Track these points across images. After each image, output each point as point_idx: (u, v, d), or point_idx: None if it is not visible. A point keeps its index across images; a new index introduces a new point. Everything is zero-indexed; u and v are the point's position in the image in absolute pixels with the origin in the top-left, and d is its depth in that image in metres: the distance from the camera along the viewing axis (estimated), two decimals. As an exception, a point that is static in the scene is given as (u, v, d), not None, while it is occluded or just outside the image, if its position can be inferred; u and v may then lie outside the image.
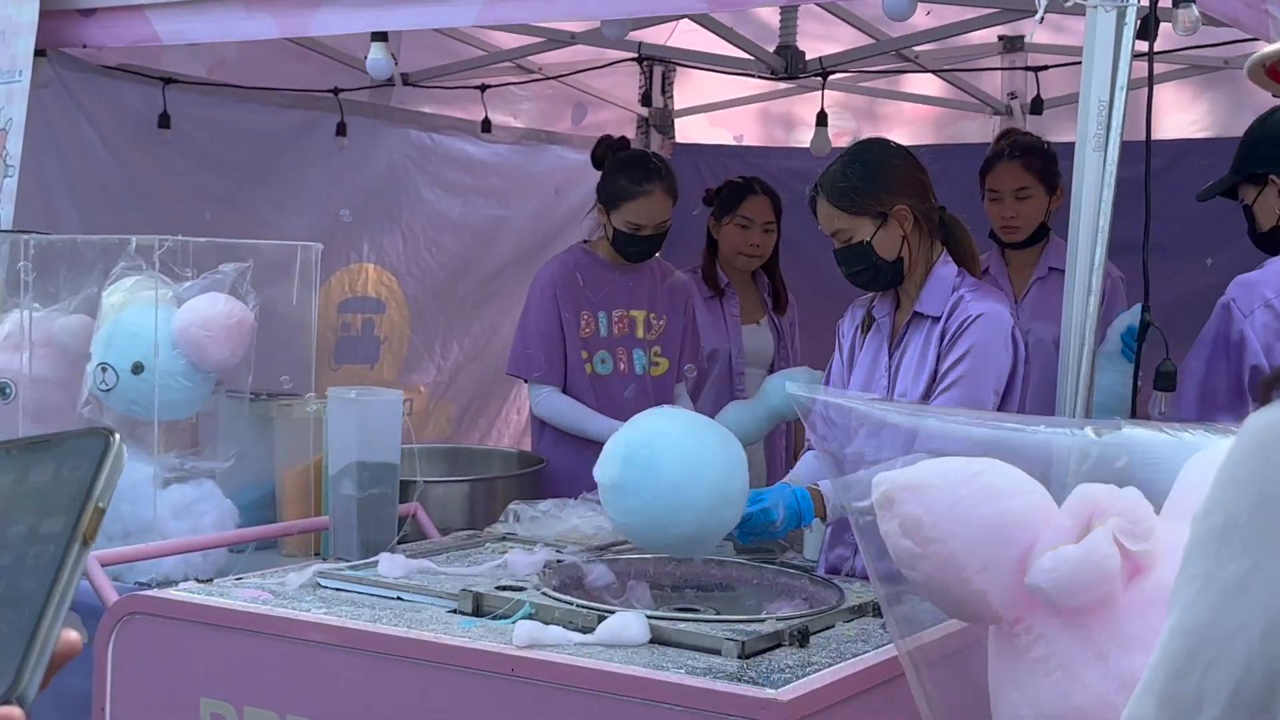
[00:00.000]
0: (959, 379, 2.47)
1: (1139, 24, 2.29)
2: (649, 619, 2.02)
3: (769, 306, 3.91)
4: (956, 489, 1.20)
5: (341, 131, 4.21)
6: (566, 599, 2.14)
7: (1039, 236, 3.61)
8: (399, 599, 2.24)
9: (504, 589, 2.21)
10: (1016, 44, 4.62)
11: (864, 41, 4.37)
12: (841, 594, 2.28)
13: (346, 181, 4.31)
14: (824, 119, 4.50)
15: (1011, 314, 2.54)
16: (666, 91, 5.19)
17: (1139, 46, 2.30)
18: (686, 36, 4.55)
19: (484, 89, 4.56)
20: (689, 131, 5.34)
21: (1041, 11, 2.31)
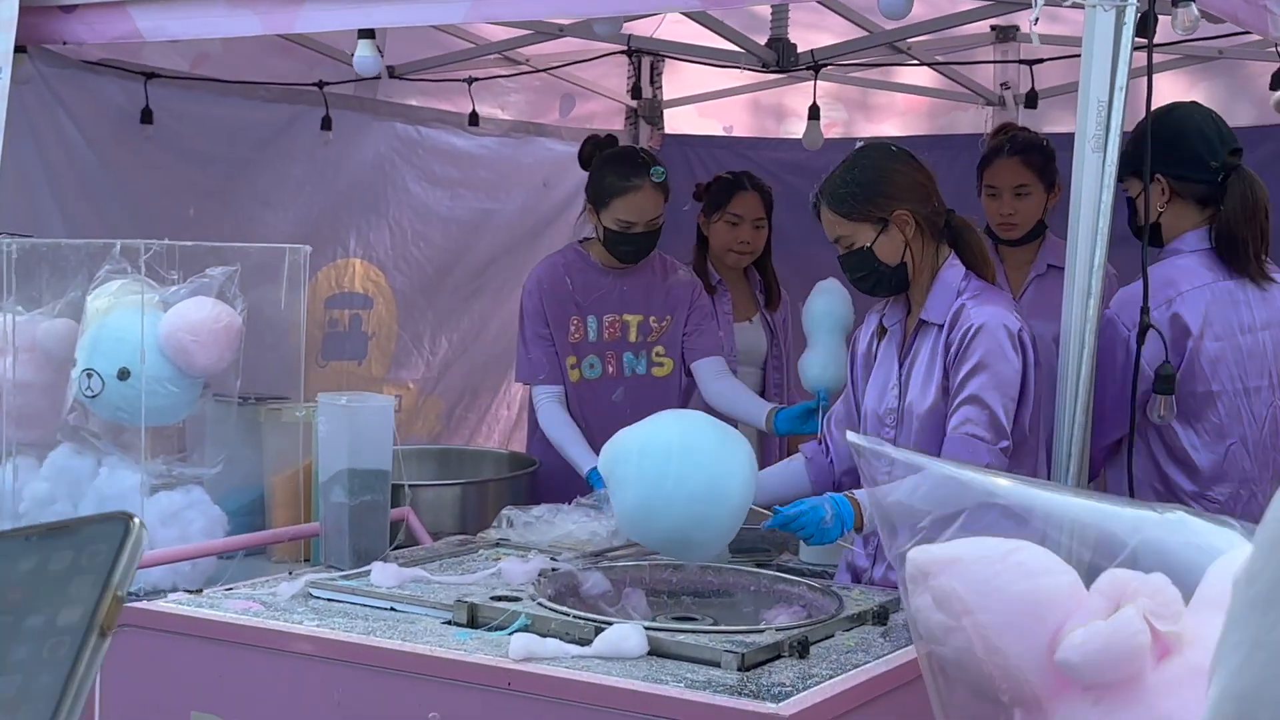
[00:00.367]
0: (973, 396, 2.44)
1: (1138, 21, 2.28)
2: (647, 630, 2.02)
3: (761, 303, 3.89)
4: (992, 563, 1.23)
5: (327, 125, 4.18)
6: (563, 610, 2.14)
7: (1036, 233, 3.60)
8: (392, 610, 2.23)
9: (499, 599, 2.21)
10: (1010, 34, 4.61)
11: (856, 34, 4.35)
12: (840, 602, 2.27)
13: (332, 176, 4.29)
14: (816, 112, 4.49)
15: (1015, 313, 2.52)
16: (655, 82, 5.17)
17: (1137, 42, 2.29)
18: (675, 28, 4.53)
19: (471, 81, 4.54)
20: (678, 122, 5.32)
21: (1036, 10, 2.29)
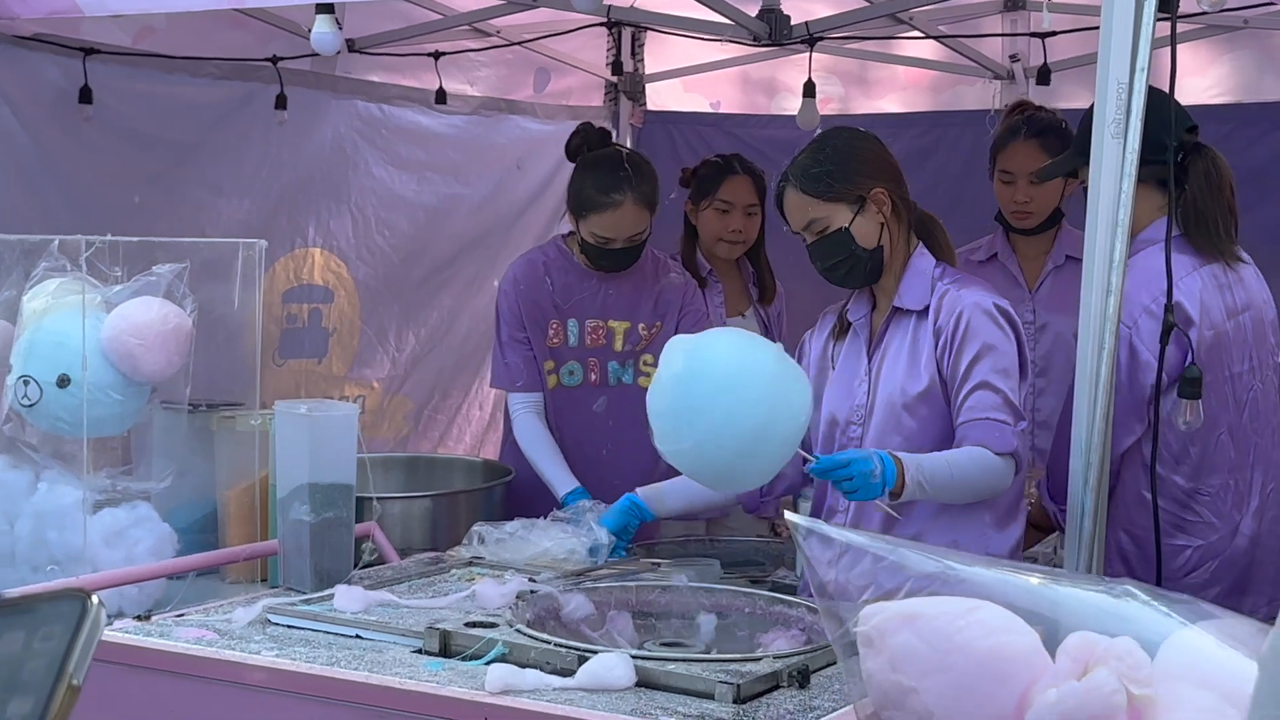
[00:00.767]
0: (983, 382, 2.51)
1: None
2: (634, 659, 2.01)
3: (754, 297, 3.88)
4: (954, 619, 1.24)
5: (282, 104, 4.15)
6: (543, 637, 2.13)
7: (1051, 222, 3.60)
8: (358, 637, 2.22)
9: (474, 625, 2.20)
10: (1019, 3, 4.60)
11: (855, 3, 4.34)
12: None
13: (288, 159, 4.26)
14: (811, 89, 4.47)
15: (995, 293, 2.62)
16: (637, 55, 5.15)
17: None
18: (659, -2, 4.51)
19: (438, 55, 4.51)
20: (662, 98, 5.30)
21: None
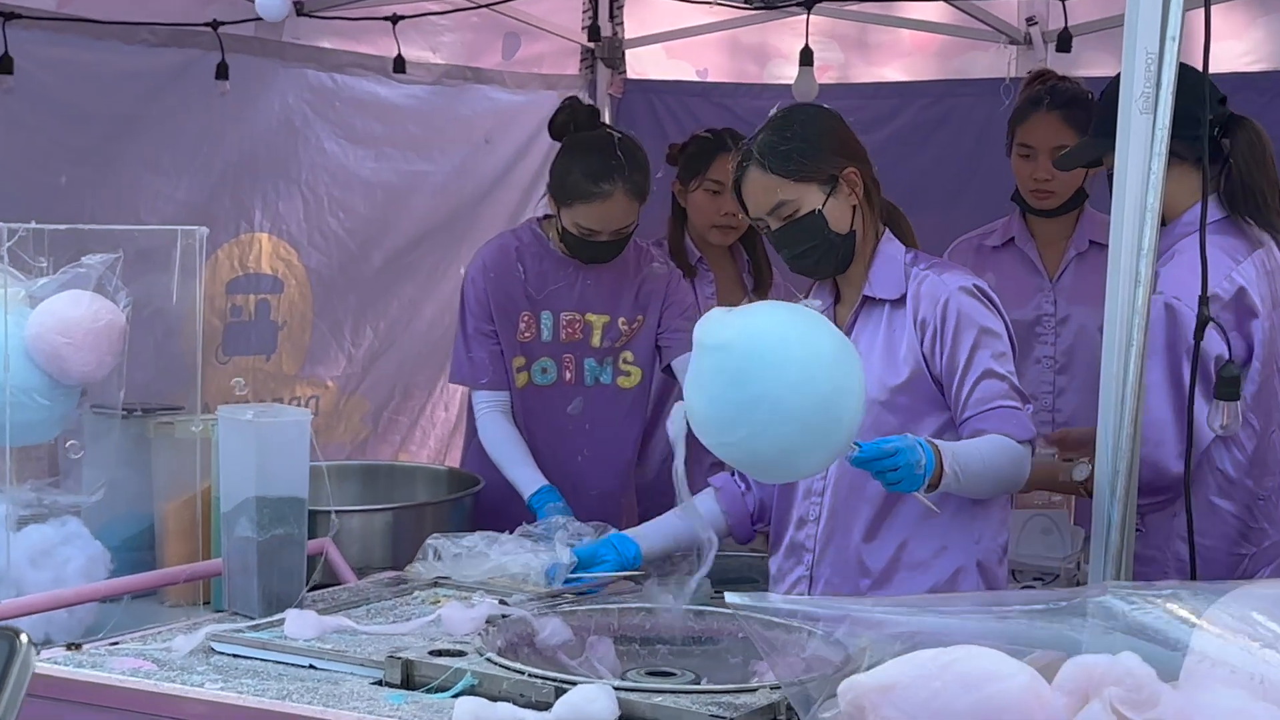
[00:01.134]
0: (988, 370, 2.58)
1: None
2: (616, 690, 2.00)
3: (749, 286, 3.87)
4: (929, 682, 1.25)
5: (223, 74, 4.12)
6: (516, 667, 2.12)
7: (1074, 203, 3.60)
8: (311, 668, 2.22)
9: (439, 653, 2.19)
10: (1036, -40, 4.61)
11: (856, -38, 4.34)
12: (846, 651, 2.25)
13: (231, 134, 4.24)
14: (809, 57, 4.46)
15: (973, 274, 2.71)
16: (616, 18, 5.14)
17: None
18: (640, -44, 4.50)
19: (396, 19, 4.48)
20: (643, 66, 5.29)
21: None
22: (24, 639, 0.67)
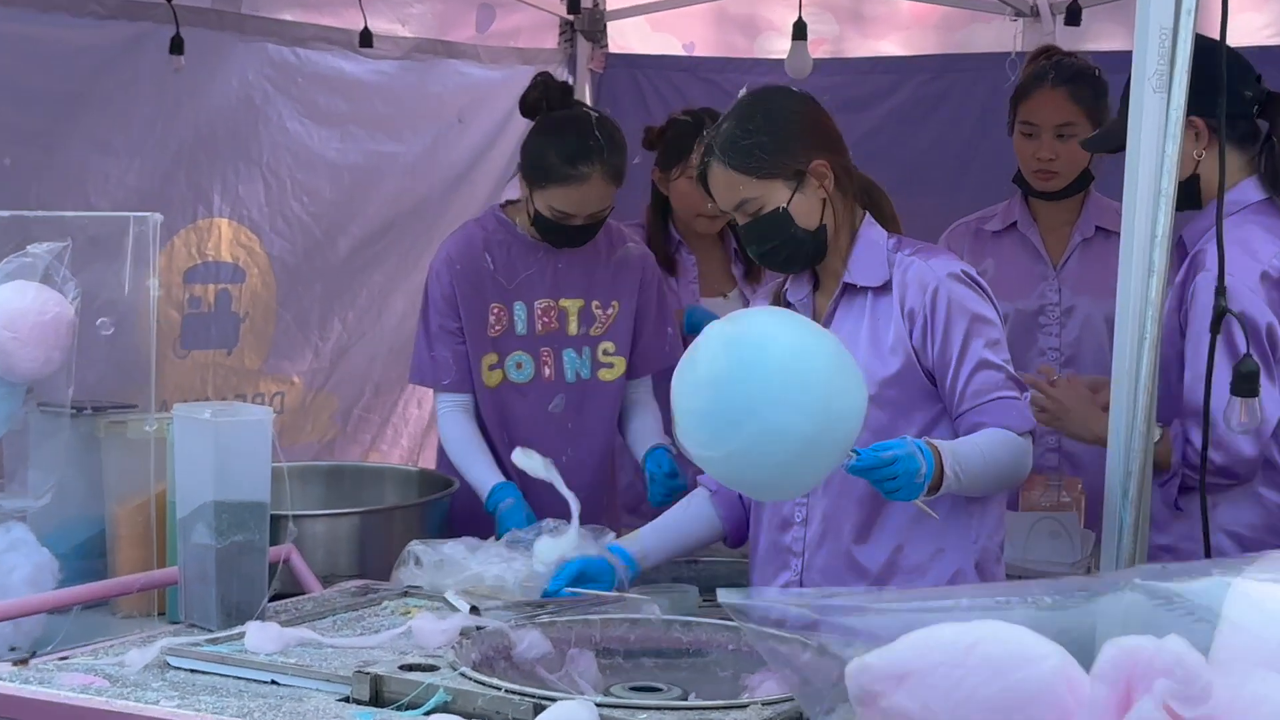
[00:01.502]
0: (983, 361, 2.59)
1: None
2: (599, 706, 2.00)
3: (740, 275, 3.87)
4: (951, 670, 1.18)
5: (178, 48, 4.10)
6: (492, 682, 2.11)
7: (1079, 186, 3.60)
8: (274, 683, 2.21)
9: (410, 668, 2.18)
10: (1043, -72, 4.61)
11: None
12: (842, 665, 2.25)
13: (187, 113, 4.22)
14: (802, 30, 4.46)
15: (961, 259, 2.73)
16: (597, -12, 5.13)
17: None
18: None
19: (363, -10, 4.48)
20: (626, 39, 5.29)
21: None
22: None
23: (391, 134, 4.74)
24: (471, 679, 2.13)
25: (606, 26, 5.21)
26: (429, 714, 2.03)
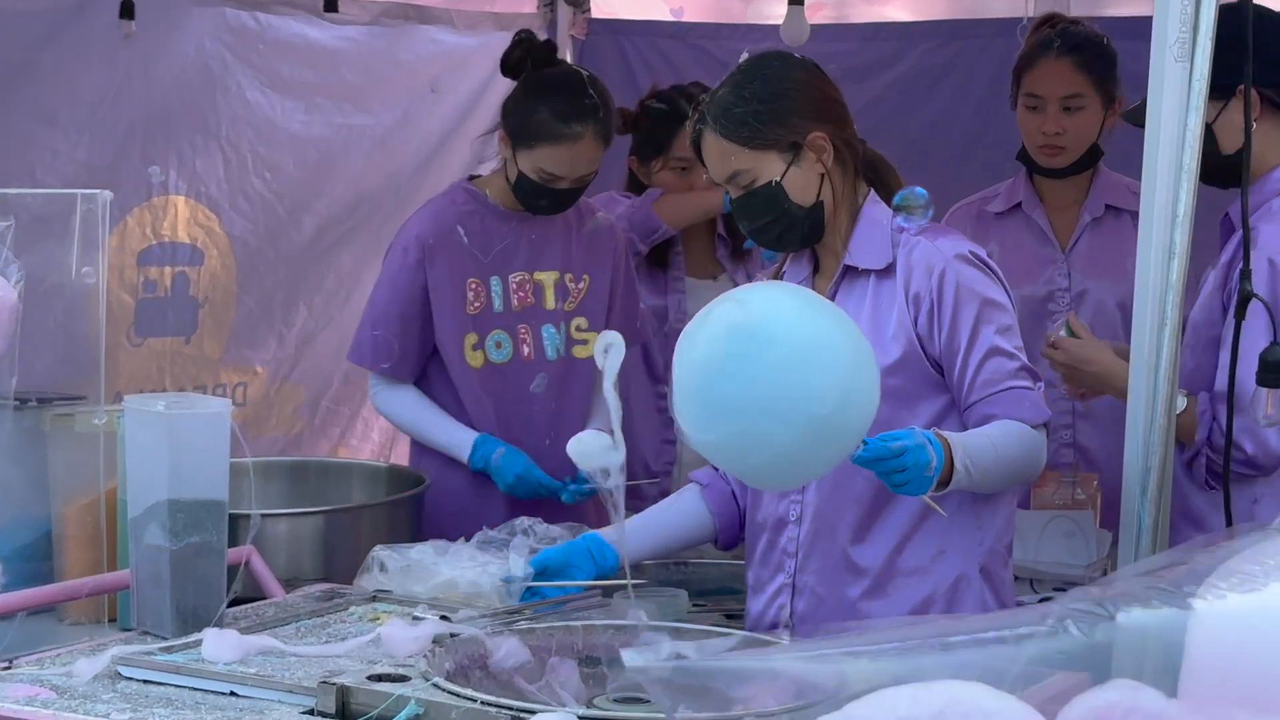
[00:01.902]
0: (995, 348, 2.59)
1: None
2: (582, 719, 2.01)
3: (728, 254, 3.88)
4: None
5: (128, 12, 4.08)
6: (468, 693, 2.11)
7: (1088, 162, 3.60)
8: (233, 694, 2.21)
9: (379, 678, 2.19)
10: (1060, -117, 4.59)
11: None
12: (842, 675, 2.25)
13: (140, 82, 4.19)
14: (799, -8, 4.46)
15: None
16: (579, -52, 5.12)
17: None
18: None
19: (328, -50, 4.46)
20: (610, 3, 5.29)
21: None
22: None
23: (360, 105, 4.72)
24: (445, 690, 2.13)
25: (590, -10, 5.21)
26: (399, 728, 2.03)
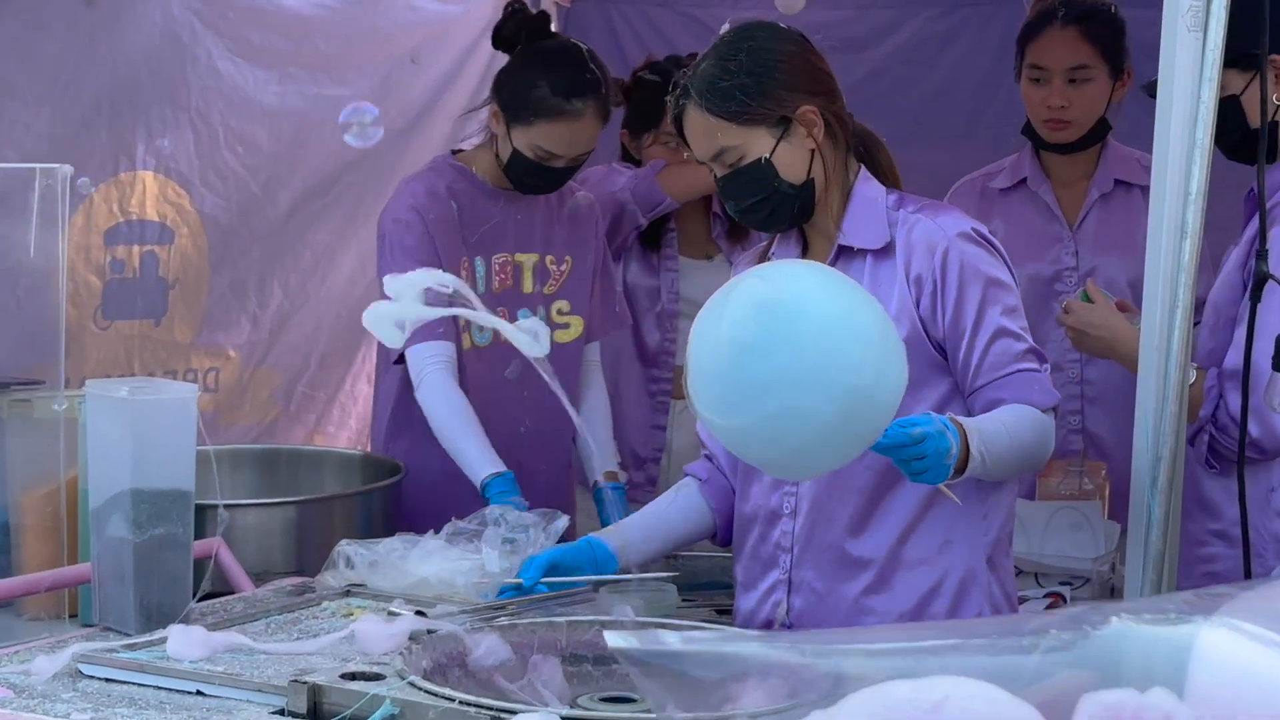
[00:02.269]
0: (1001, 329, 2.59)
1: None
2: (565, 719, 2.01)
3: (724, 233, 3.88)
4: None
5: (92, -21, 4.06)
6: (445, 693, 2.10)
7: (1096, 136, 3.60)
8: (199, 694, 2.21)
9: (353, 677, 2.18)
10: None
11: None
12: (839, 671, 2.23)
13: (104, 52, 4.16)
14: (794, -42, 4.43)
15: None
16: (565, -89, 5.09)
17: None
18: None
19: (300, -87, 4.44)
20: (597, -30, 5.25)
21: None
22: None
23: (336, 76, 4.69)
24: (422, 689, 2.12)
25: (575, -44, 5.18)
26: (374, 729, 2.03)
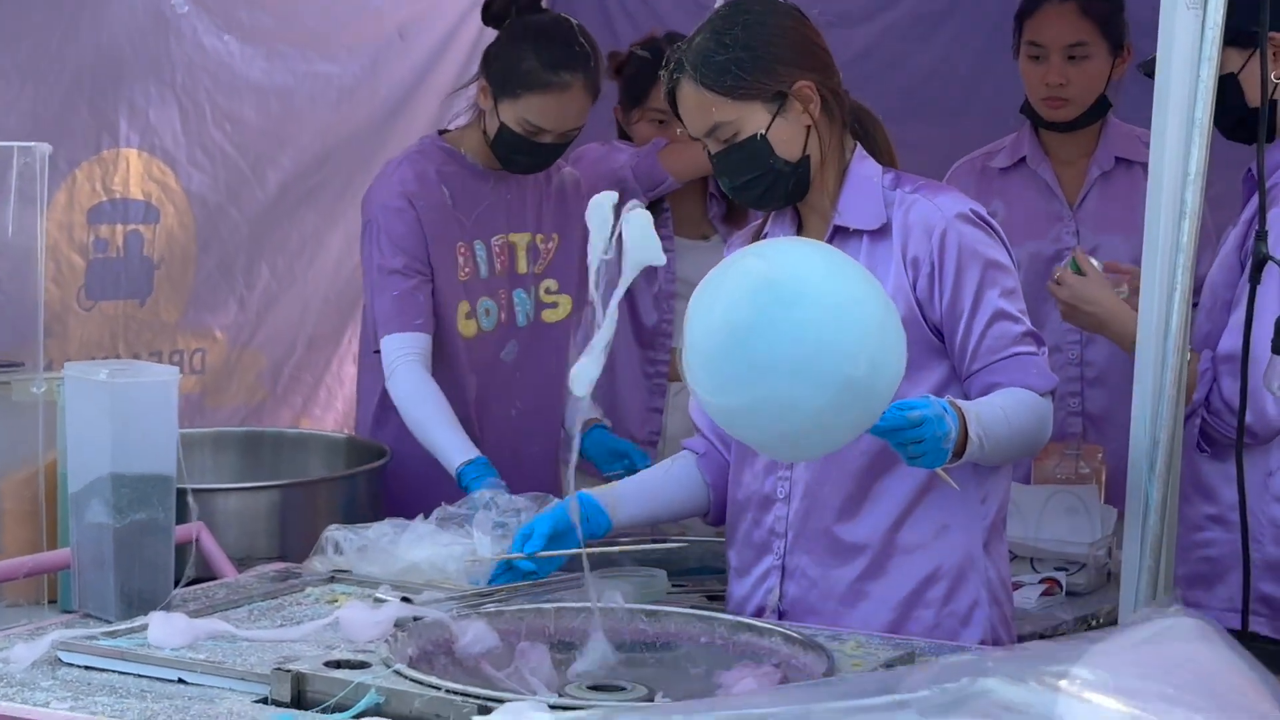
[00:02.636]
0: (999, 311, 2.59)
1: None
2: (553, 708, 1.99)
3: (720, 216, 3.88)
4: None
5: (73, -48, 4.05)
6: (431, 681, 2.11)
7: (1095, 114, 3.59)
8: (181, 682, 2.21)
9: (337, 664, 2.19)
10: None
11: None
12: (831, 661, 2.24)
13: (87, 27, 4.15)
14: (789, -66, 4.41)
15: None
16: (557, -115, 5.07)
17: None
18: None
19: (287, -116, 4.43)
20: (590, -55, 5.22)
21: None
22: None
23: (324, 52, 4.68)
24: (407, 677, 2.13)
25: (568, -70, 5.16)
26: (358, 717, 2.03)
